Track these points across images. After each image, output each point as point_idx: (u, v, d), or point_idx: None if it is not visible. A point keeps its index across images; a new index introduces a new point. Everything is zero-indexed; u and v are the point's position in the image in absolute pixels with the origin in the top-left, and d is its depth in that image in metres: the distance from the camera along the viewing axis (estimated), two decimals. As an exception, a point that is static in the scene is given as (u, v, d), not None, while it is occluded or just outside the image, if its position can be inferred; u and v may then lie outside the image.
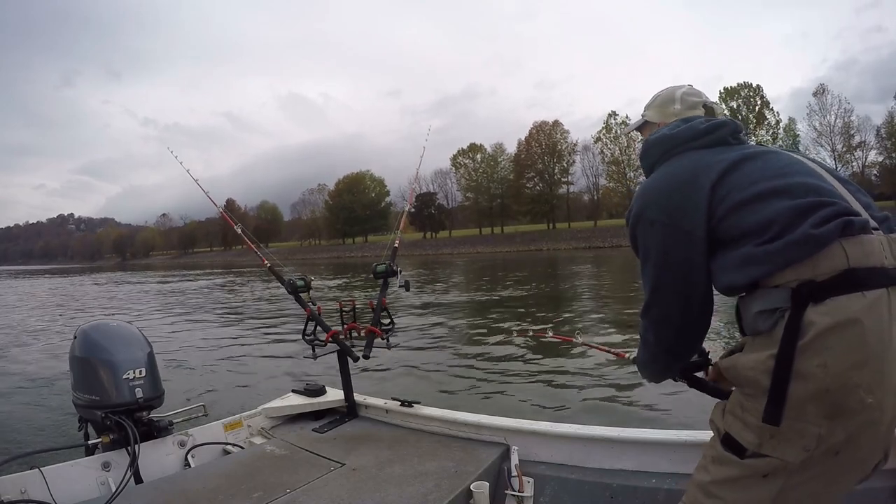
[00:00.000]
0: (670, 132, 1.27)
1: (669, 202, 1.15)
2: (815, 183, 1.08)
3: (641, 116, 1.49)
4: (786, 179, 1.09)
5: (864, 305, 0.93)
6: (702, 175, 1.14)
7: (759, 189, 1.08)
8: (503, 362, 6.76)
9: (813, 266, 0.97)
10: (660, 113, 1.42)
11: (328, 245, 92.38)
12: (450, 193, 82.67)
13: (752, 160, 1.14)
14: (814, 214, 1.00)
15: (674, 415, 4.41)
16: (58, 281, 40.65)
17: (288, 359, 7.39)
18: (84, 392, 2.33)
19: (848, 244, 0.97)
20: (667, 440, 1.84)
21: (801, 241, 0.98)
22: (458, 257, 53.47)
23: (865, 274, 0.95)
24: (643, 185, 1.27)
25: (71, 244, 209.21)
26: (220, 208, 3.10)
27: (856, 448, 0.97)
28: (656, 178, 1.24)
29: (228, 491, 1.90)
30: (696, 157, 1.19)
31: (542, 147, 71.21)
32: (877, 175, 56.36)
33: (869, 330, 0.93)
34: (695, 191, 1.13)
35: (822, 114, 55.18)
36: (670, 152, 1.25)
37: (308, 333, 2.64)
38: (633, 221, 1.23)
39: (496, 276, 24.42)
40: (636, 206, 1.23)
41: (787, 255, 0.99)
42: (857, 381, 0.92)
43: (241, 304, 16.35)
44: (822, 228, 0.98)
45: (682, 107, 1.38)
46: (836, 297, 0.94)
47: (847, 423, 0.94)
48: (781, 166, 1.12)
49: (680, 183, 1.16)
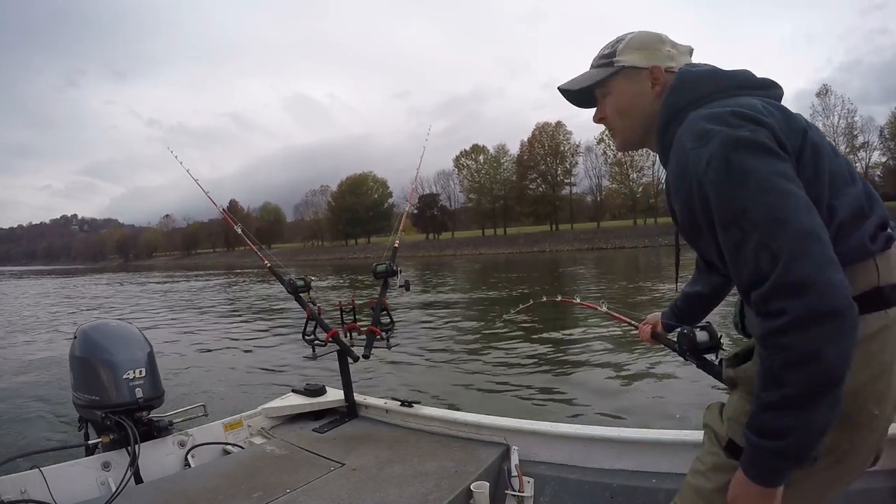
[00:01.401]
0: (718, 69, 1.06)
1: (765, 128, 0.91)
2: (868, 188, 0.99)
3: (613, 65, 1.12)
4: (849, 167, 0.99)
5: (886, 323, 0.92)
6: (794, 117, 0.97)
7: (836, 169, 0.96)
8: (504, 362, 6.76)
9: (849, 282, 0.84)
10: (648, 55, 1.11)
11: (331, 246, 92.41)
12: (452, 195, 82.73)
13: (816, 132, 0.98)
14: (866, 221, 0.94)
15: (675, 414, 4.41)
16: (60, 282, 40.73)
17: (288, 358, 7.39)
18: (84, 392, 2.34)
19: (881, 260, 0.93)
20: (667, 440, 1.83)
21: (855, 248, 0.92)
22: (460, 259, 53.46)
23: (890, 292, 0.93)
24: (713, 111, 0.95)
25: (74, 245, 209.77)
26: (221, 209, 3.10)
27: (856, 455, 0.97)
28: (735, 102, 0.97)
29: (228, 491, 1.90)
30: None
31: (544, 148, 71.11)
32: (880, 176, 56.33)
33: (886, 346, 0.92)
34: (791, 127, 0.94)
35: (825, 114, 55.25)
36: (718, 95, 1.02)
37: (308, 333, 2.64)
38: (723, 150, 0.88)
39: (497, 276, 24.39)
40: (716, 127, 0.91)
41: (843, 257, 0.86)
42: (868, 395, 0.92)
43: (242, 305, 16.37)
44: (877, 242, 0.93)
45: (677, 51, 1.13)
46: (864, 317, 0.86)
47: (852, 434, 0.94)
48: (836, 151, 1.00)
49: (764, 112, 0.94)
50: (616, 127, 1.17)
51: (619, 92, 1.14)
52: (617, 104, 1.15)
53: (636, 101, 1.12)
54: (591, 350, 7.01)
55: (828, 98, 56.00)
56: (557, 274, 24.12)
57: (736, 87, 1.03)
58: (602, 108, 1.19)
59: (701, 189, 0.91)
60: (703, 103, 1.00)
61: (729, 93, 1.02)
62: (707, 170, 0.90)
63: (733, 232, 0.88)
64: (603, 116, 1.19)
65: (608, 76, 1.13)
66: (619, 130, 1.17)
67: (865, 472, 1.04)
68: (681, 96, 1.04)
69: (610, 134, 1.21)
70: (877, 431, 0.96)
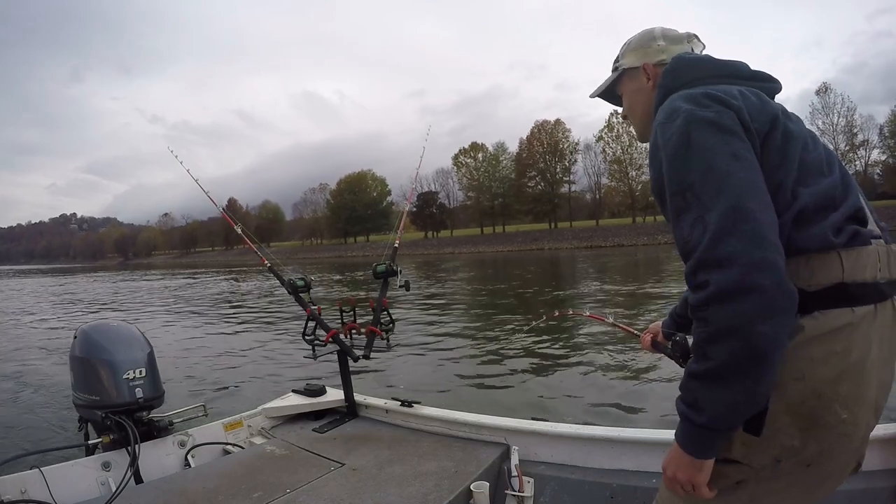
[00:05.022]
0: (712, 58, 1.11)
1: (733, 112, 0.94)
2: (848, 181, 1.00)
3: (614, 70, 1.27)
4: (829, 159, 1.00)
5: (850, 321, 0.90)
6: (767, 103, 1.00)
7: (809, 158, 0.97)
8: (504, 362, 6.75)
9: (809, 274, 0.91)
10: (640, 55, 1.21)
11: (330, 244, 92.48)
12: (451, 193, 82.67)
13: (795, 122, 1.01)
14: (833, 213, 0.94)
15: (676, 415, 4.41)
16: (59, 280, 40.72)
17: (288, 359, 7.38)
18: (84, 392, 2.34)
19: (847, 255, 0.92)
20: (667, 440, 1.83)
21: (815, 237, 0.92)
22: (459, 256, 53.47)
23: (856, 290, 0.91)
24: (690, 90, 1.01)
25: (73, 244, 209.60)
26: (221, 208, 3.10)
27: (828, 460, 0.94)
28: (714, 87, 1.00)
29: (228, 491, 1.91)
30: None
31: (543, 146, 71.14)
32: (880, 174, 56.45)
33: (852, 346, 0.90)
34: (762, 111, 0.97)
35: (825, 112, 55.39)
36: (707, 80, 1.06)
37: (308, 333, 2.64)
38: (685, 127, 0.93)
39: (497, 274, 24.41)
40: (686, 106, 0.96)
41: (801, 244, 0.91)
42: (832, 396, 0.90)
43: (242, 304, 16.36)
44: (841, 235, 0.92)
45: (667, 42, 1.19)
46: (824, 311, 0.90)
47: (820, 436, 0.91)
48: (817, 143, 1.02)
49: (737, 96, 0.97)
50: (632, 122, 1.29)
51: (626, 92, 1.27)
52: (625, 103, 1.29)
53: (637, 98, 1.24)
54: (591, 351, 7.00)
55: (827, 96, 56.16)
56: (558, 273, 24.14)
57: (726, 76, 1.07)
58: (623, 107, 1.31)
59: (664, 161, 0.96)
60: (691, 87, 1.04)
61: (719, 80, 1.05)
62: (667, 143, 0.95)
63: (677, 200, 0.92)
64: (625, 115, 1.31)
65: (616, 80, 1.28)
66: (634, 125, 1.28)
67: (865, 472, 1.04)
68: (672, 80, 1.10)
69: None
70: (853, 437, 0.93)
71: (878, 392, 0.96)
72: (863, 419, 0.93)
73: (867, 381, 0.92)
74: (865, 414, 0.94)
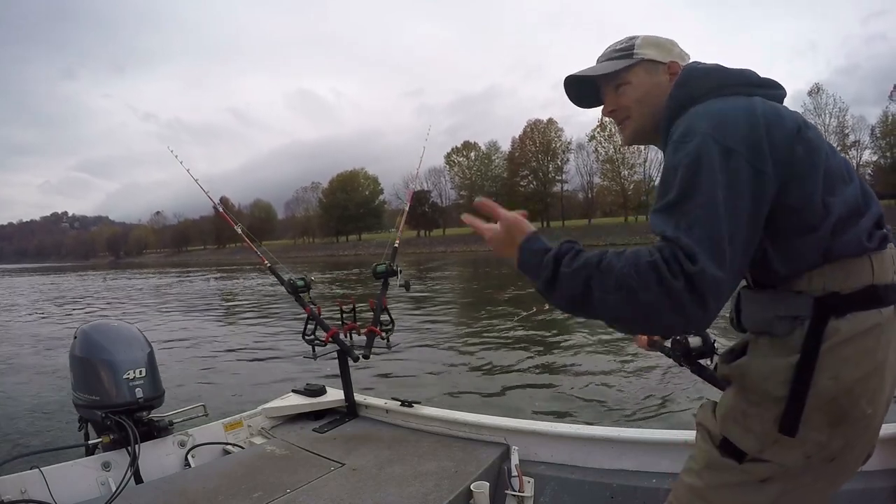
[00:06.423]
0: (723, 67, 1.09)
1: (752, 134, 0.93)
2: (865, 187, 1.02)
3: (632, 57, 1.15)
4: (846, 165, 1.01)
5: (879, 321, 0.94)
6: (787, 116, 0.99)
7: (832, 166, 0.98)
8: (504, 362, 6.78)
9: (844, 277, 0.94)
10: (664, 52, 1.15)
11: (322, 243, 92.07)
12: (444, 191, 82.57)
13: (813, 130, 1.00)
14: (862, 218, 0.96)
15: (676, 414, 4.45)
16: (52, 279, 40.38)
17: (288, 359, 7.36)
18: (84, 392, 2.33)
19: (876, 258, 0.96)
20: (667, 440, 1.85)
21: (852, 244, 0.95)
22: (451, 255, 53.40)
23: (883, 291, 0.95)
24: (706, 106, 1.00)
25: (65, 242, 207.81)
26: (220, 208, 3.09)
27: (850, 452, 0.98)
28: (727, 103, 0.99)
29: (228, 491, 1.91)
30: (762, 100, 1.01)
31: (536, 145, 71.21)
32: (871, 174, 56.65)
33: (879, 344, 0.93)
34: (781, 130, 0.95)
35: (816, 113, 55.38)
36: (723, 90, 1.04)
37: (308, 333, 2.64)
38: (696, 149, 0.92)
39: (490, 273, 24.40)
40: (704, 126, 0.94)
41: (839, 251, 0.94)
42: (861, 392, 0.93)
43: (241, 304, 16.27)
44: (872, 240, 0.96)
45: (685, 53, 1.18)
46: (857, 313, 0.93)
47: (847, 431, 0.95)
48: (834, 149, 1.02)
49: (764, 117, 0.95)
50: (632, 116, 1.18)
51: (639, 82, 1.15)
52: (636, 93, 1.16)
53: (654, 92, 1.14)
54: (591, 351, 7.04)
55: (819, 97, 56.50)
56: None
57: (740, 85, 1.05)
58: (613, 100, 1.19)
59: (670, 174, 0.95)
60: (708, 98, 1.02)
61: (733, 90, 1.03)
62: (681, 161, 0.93)
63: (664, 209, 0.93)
64: (613, 109, 1.19)
65: (629, 66, 1.15)
66: (635, 119, 1.17)
67: (865, 472, 1.06)
68: (687, 90, 1.06)
69: (619, 127, 1.22)
70: (869, 430, 0.98)
71: (892, 387, 0.99)
72: (881, 412, 0.97)
73: (887, 376, 0.96)
74: (884, 407, 0.97)
